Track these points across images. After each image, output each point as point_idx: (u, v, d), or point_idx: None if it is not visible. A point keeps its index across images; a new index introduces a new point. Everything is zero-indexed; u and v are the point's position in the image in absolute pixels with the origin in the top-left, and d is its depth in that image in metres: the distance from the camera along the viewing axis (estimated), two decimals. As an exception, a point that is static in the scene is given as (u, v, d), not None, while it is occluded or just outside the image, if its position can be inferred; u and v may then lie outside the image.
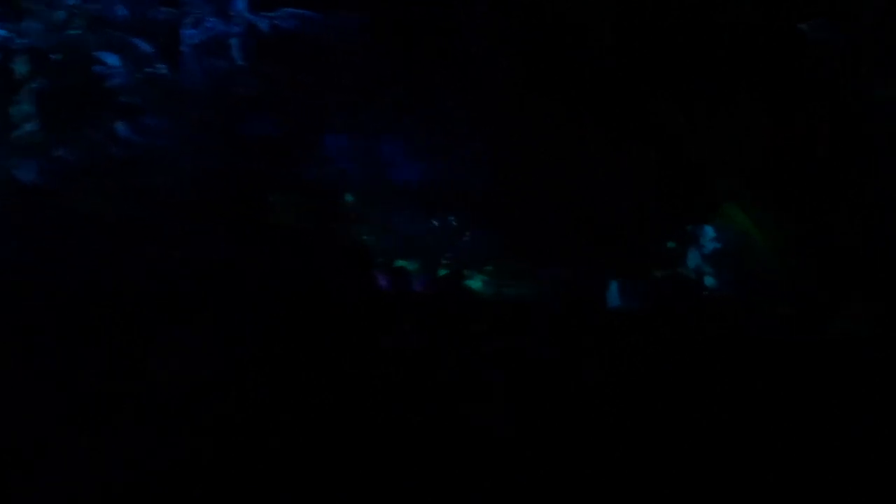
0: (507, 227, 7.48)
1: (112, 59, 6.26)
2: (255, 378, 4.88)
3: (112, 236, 5.69)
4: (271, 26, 6.52)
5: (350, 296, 6.14)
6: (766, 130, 6.44)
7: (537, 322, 6.30)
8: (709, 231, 6.59)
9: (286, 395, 4.75)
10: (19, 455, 3.87)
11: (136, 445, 4.15)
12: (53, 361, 4.57)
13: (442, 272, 7.30)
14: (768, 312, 5.82)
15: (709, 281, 6.48)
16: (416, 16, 6.87)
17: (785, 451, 4.01)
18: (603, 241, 6.96)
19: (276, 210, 6.59)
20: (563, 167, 7.22)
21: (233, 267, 5.64)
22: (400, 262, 7.28)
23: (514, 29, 7.11)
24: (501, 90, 7.25)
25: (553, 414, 4.70)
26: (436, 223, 7.59)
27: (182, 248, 5.53)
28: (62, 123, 6.31)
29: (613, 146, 6.96)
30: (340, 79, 7.13)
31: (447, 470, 4.20)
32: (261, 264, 5.83)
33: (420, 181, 7.56)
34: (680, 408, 4.49)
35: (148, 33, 6.38)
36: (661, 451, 4.18)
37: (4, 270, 5.25)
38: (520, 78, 7.16)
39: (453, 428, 4.54)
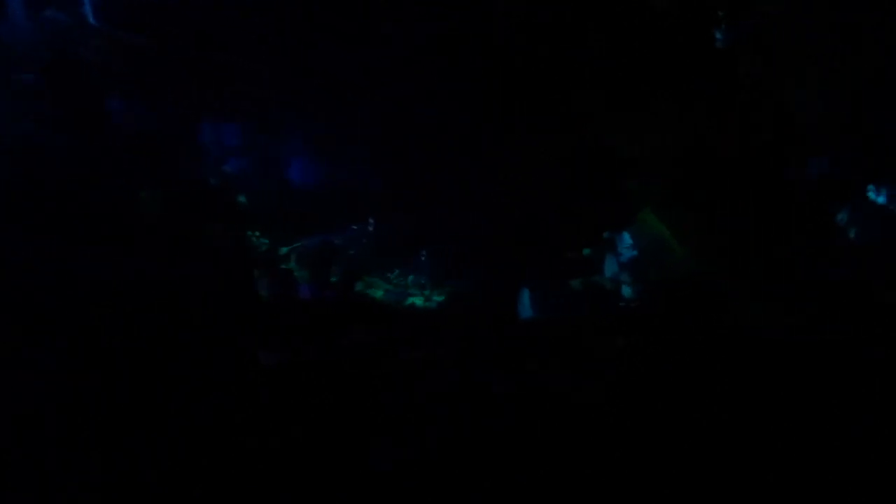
0: (412, 232, 6.94)
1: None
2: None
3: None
4: (134, -20, 5.49)
5: (227, 305, 5.33)
6: (682, 133, 6.30)
7: (443, 332, 5.79)
8: (626, 238, 6.37)
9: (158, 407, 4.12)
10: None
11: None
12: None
13: (334, 278, 6.66)
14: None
15: (626, 290, 6.18)
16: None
17: (785, 451, 3.93)
18: (515, 248, 6.56)
19: (145, 207, 5.62)
20: (473, 169, 6.79)
21: (75, 274, 4.57)
22: (289, 266, 6.60)
23: (422, 15, 6.51)
24: (408, 83, 6.64)
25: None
26: (336, 227, 6.96)
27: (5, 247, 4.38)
28: None
29: (528, 147, 6.58)
30: (224, 54, 6.20)
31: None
32: (116, 271, 4.80)
33: (321, 182, 6.93)
34: (678, 409, 4.30)
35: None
36: (653, 452, 3.95)
37: None
38: (428, 71, 6.58)
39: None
